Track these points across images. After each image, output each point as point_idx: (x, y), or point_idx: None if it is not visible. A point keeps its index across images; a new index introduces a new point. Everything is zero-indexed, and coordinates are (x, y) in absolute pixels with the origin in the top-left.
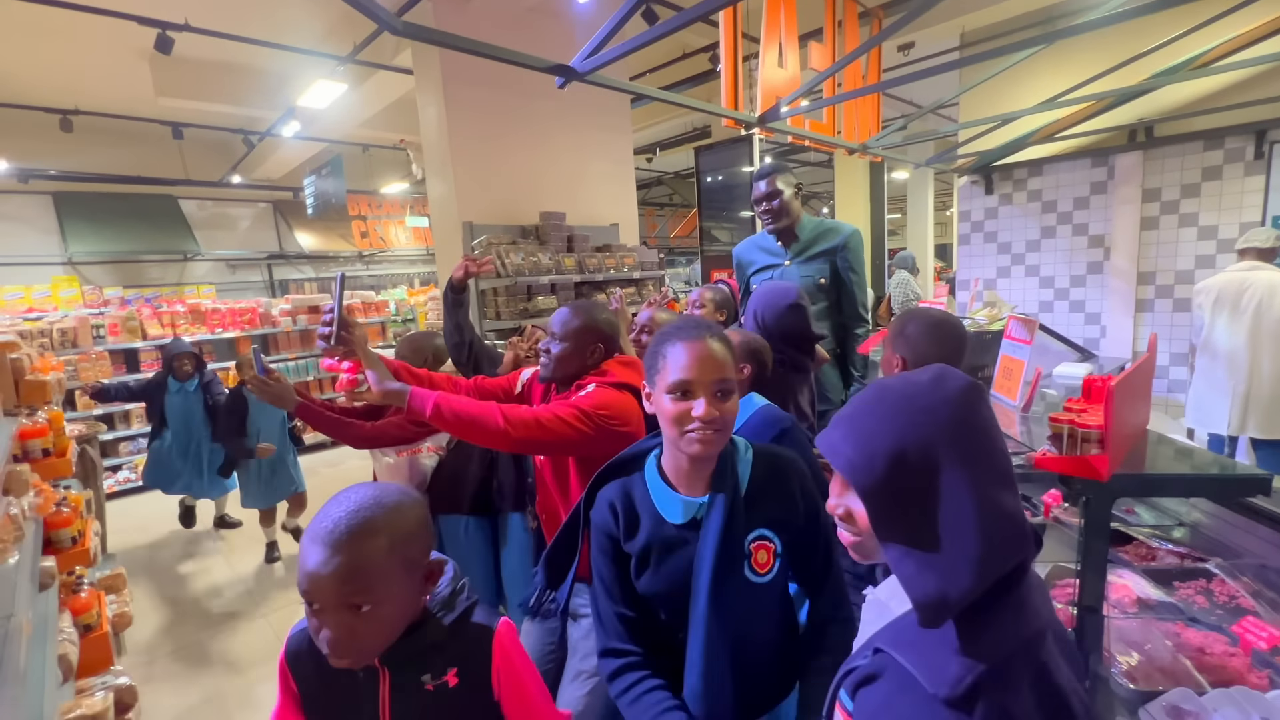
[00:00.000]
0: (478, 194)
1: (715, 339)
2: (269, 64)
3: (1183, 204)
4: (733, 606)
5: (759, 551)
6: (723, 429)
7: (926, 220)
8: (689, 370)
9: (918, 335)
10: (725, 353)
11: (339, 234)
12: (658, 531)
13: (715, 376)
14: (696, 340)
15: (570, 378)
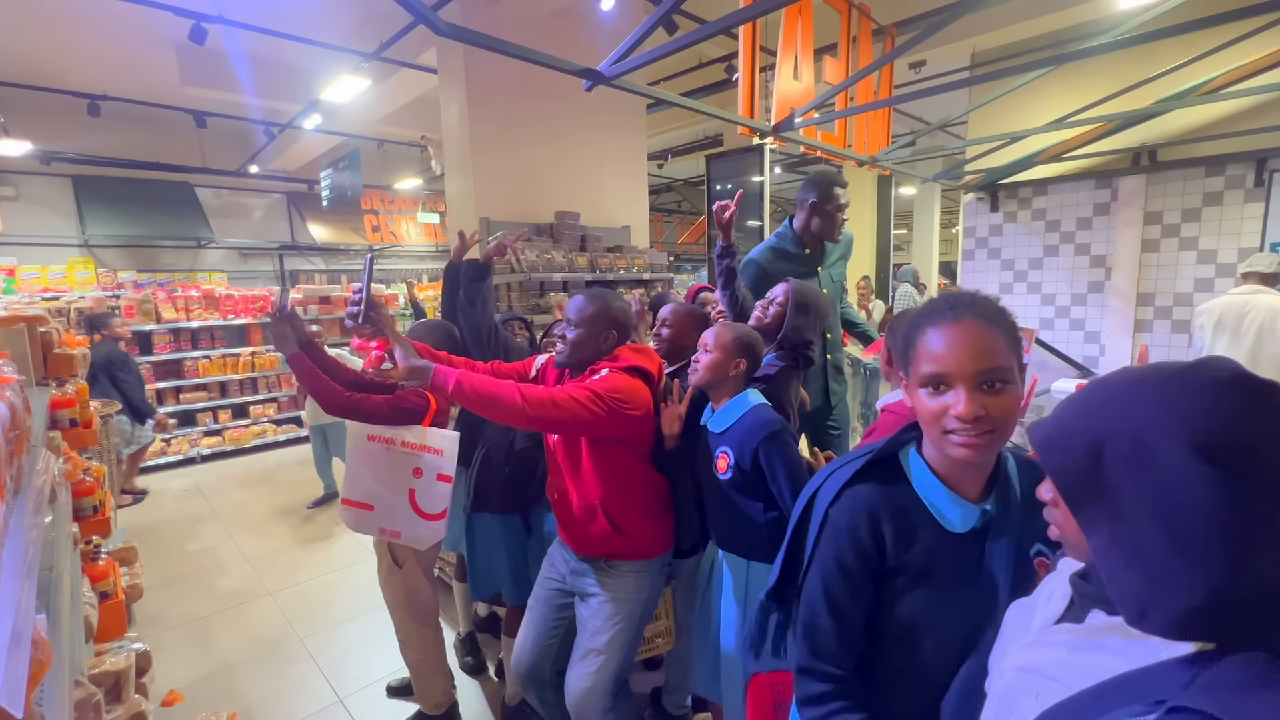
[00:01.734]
0: (495, 191)
1: (980, 318)
2: (294, 58)
3: (1183, 228)
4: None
5: (1040, 569)
6: (997, 429)
7: (932, 236)
8: (943, 360)
9: (746, 339)
10: (994, 335)
11: (351, 227)
12: (941, 544)
13: (981, 366)
14: (953, 322)
15: (584, 363)
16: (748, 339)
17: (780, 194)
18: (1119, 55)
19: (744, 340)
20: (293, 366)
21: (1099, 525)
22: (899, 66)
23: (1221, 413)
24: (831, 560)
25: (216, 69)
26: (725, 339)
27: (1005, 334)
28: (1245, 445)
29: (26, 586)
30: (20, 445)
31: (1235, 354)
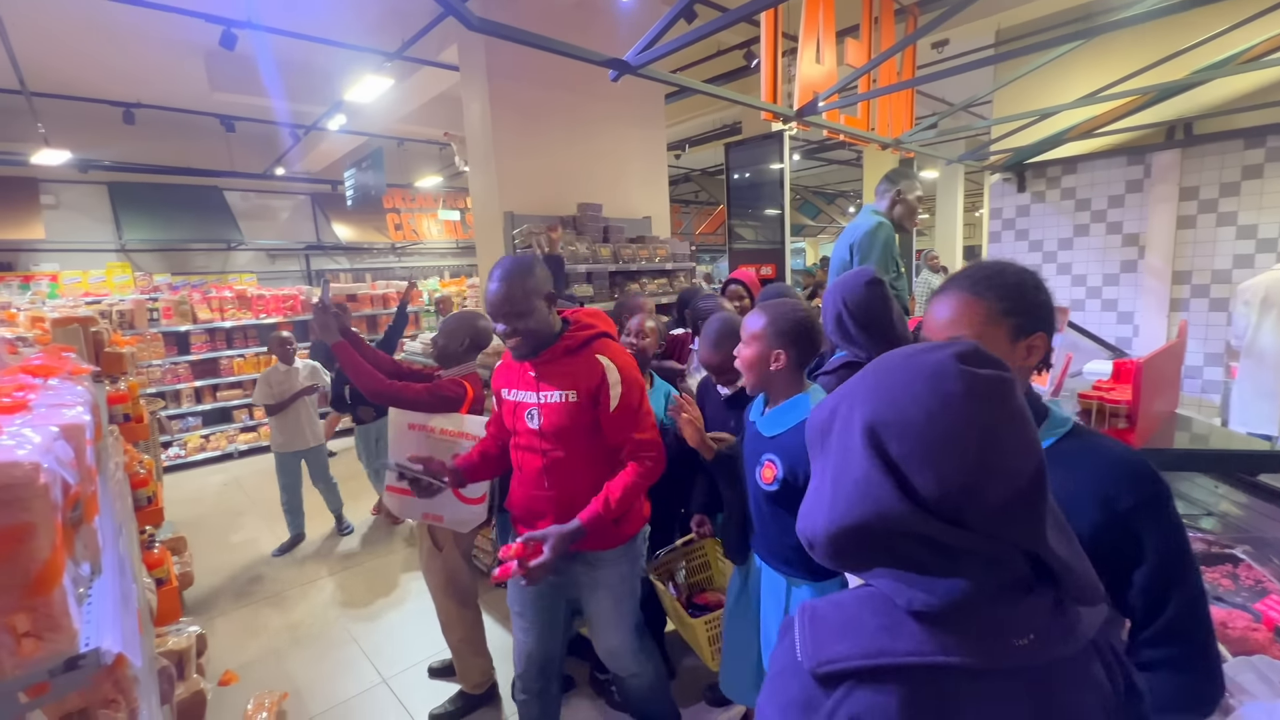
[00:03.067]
0: (518, 185)
1: (964, 289)
2: (319, 60)
3: (1221, 203)
4: None
5: None
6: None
7: (956, 220)
8: (927, 329)
9: (782, 322)
10: (973, 303)
11: (374, 226)
12: None
13: (946, 334)
14: (940, 295)
15: (541, 346)
16: (788, 322)
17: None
18: (1151, 26)
19: (782, 326)
20: (337, 355)
21: (814, 474)
22: (922, 46)
23: (897, 402)
24: None
25: (244, 74)
26: (755, 327)
27: (995, 301)
28: (908, 435)
29: (121, 556)
30: (99, 431)
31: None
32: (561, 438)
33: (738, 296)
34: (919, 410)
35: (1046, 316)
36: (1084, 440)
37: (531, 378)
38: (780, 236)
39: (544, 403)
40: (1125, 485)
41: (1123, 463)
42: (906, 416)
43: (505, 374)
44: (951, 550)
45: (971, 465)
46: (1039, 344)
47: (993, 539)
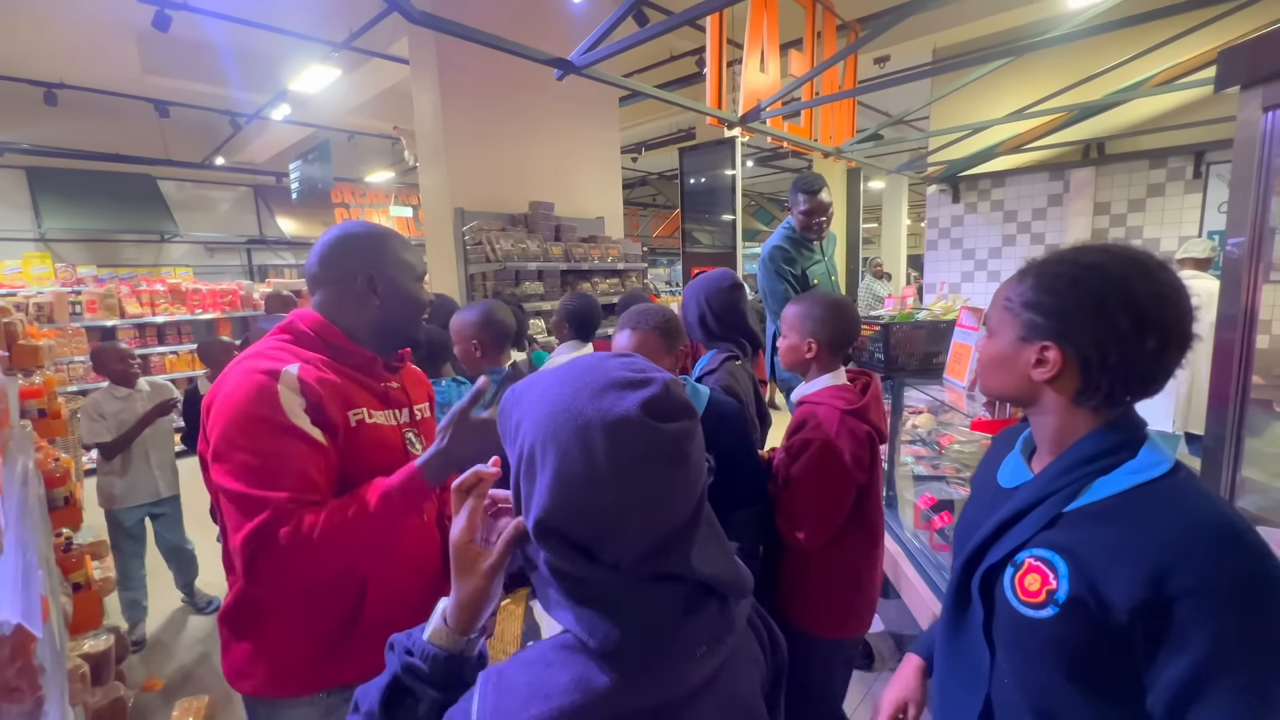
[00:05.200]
0: (469, 181)
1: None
2: (262, 46)
3: (1129, 217)
4: None
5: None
6: None
7: (900, 230)
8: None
9: (826, 316)
10: None
11: (321, 221)
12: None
13: None
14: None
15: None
16: (805, 311)
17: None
18: (1071, 52)
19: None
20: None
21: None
22: (864, 63)
23: (564, 443)
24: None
25: (180, 57)
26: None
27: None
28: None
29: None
30: (4, 419)
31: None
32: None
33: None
34: (583, 459)
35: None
36: (1170, 490)
37: (394, 389)
38: (733, 241)
39: (421, 418)
40: (1189, 559)
41: (1199, 529)
42: (570, 463)
43: (339, 389)
44: (616, 587)
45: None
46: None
47: (644, 573)
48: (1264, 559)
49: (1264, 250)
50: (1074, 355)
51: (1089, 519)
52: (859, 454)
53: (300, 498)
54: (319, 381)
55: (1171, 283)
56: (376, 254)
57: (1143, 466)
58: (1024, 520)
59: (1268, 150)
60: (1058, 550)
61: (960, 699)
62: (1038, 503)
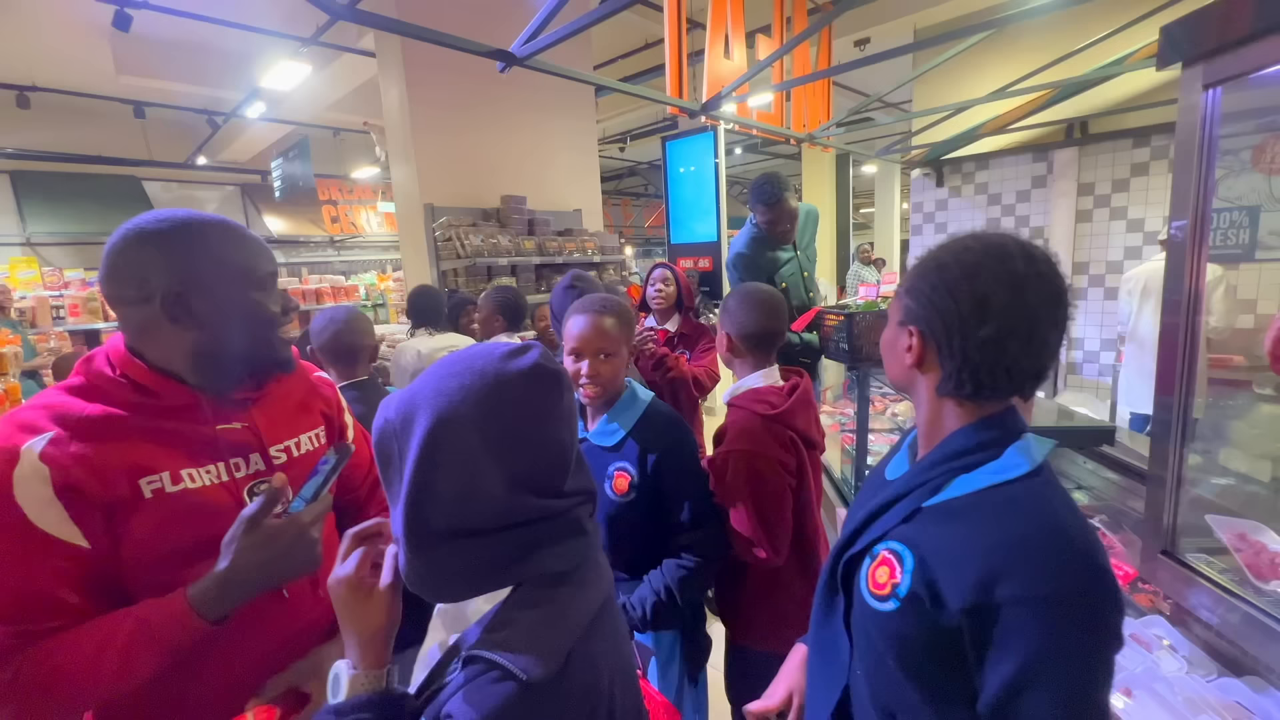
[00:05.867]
0: (440, 177)
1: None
2: (232, 43)
3: (1114, 198)
4: None
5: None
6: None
7: (893, 215)
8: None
9: (736, 308)
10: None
11: (309, 219)
12: None
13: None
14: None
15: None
16: (725, 305)
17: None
18: (1054, 29)
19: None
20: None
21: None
22: (844, 47)
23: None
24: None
25: (153, 57)
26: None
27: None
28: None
29: None
30: None
31: (1160, 318)
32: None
33: (665, 281)
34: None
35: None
36: (1019, 494)
37: (233, 432)
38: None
39: (291, 458)
40: (1017, 567)
41: (1031, 537)
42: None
43: (124, 455)
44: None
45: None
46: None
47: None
48: (1092, 572)
49: (1206, 233)
50: (931, 340)
51: (941, 516)
52: (784, 460)
53: (24, 628)
54: (79, 457)
55: (1022, 272)
56: (184, 259)
57: (1003, 468)
58: (889, 512)
59: (1208, 130)
60: (908, 544)
61: (822, 689)
62: (903, 496)
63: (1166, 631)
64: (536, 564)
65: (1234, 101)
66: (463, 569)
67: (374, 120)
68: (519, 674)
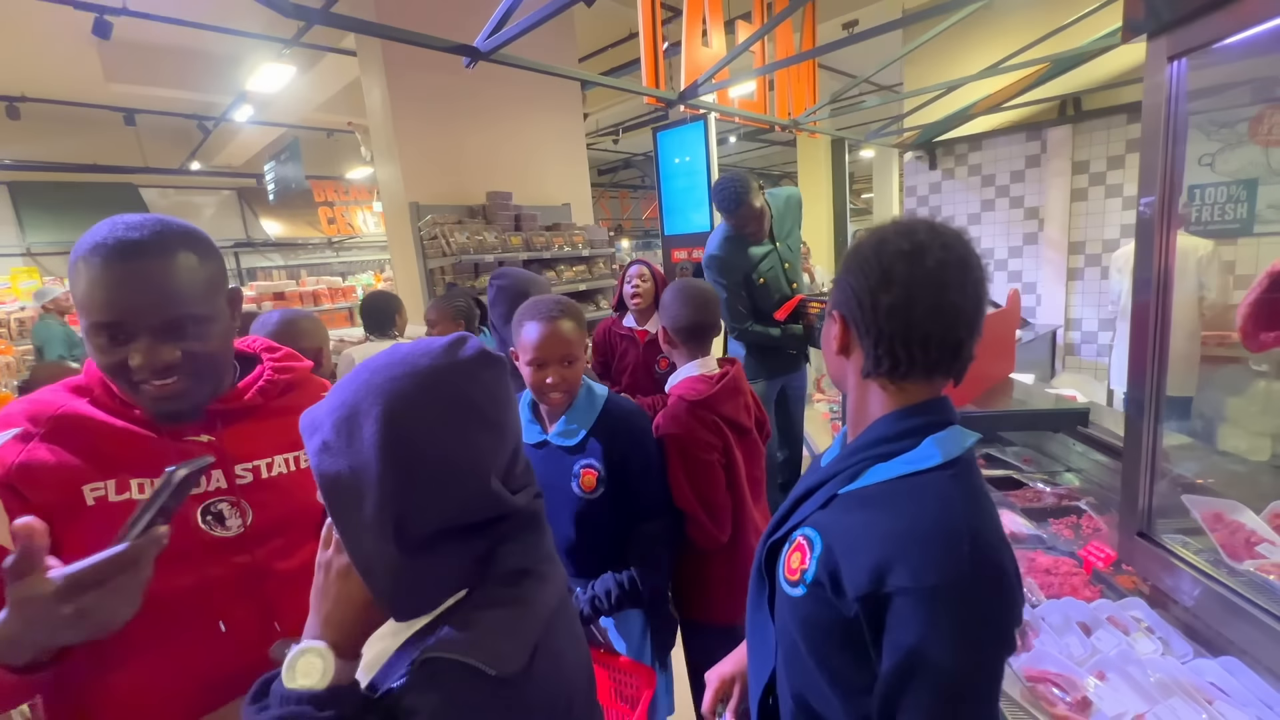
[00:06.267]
0: (424, 175)
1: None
2: (216, 47)
3: (1109, 175)
4: None
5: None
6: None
7: (892, 198)
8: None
9: (670, 303)
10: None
11: (305, 220)
12: None
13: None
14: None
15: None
16: (662, 299)
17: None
18: (1043, 4)
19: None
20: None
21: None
22: (832, 30)
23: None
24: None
25: (139, 63)
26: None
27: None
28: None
29: None
30: None
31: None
32: (292, 530)
33: (642, 278)
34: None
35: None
36: (926, 485)
37: (196, 445)
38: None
39: (252, 480)
40: (908, 558)
41: (925, 529)
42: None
43: (90, 454)
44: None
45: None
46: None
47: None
48: (981, 567)
49: (1174, 209)
50: (850, 322)
51: (853, 503)
52: (711, 441)
53: None
54: (29, 456)
55: (924, 241)
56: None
57: (917, 458)
58: (811, 498)
59: (1175, 104)
60: (819, 530)
61: (754, 672)
62: (824, 482)
63: (1145, 613)
64: (502, 561)
65: (1228, 73)
66: (448, 572)
67: (358, 120)
68: (486, 669)
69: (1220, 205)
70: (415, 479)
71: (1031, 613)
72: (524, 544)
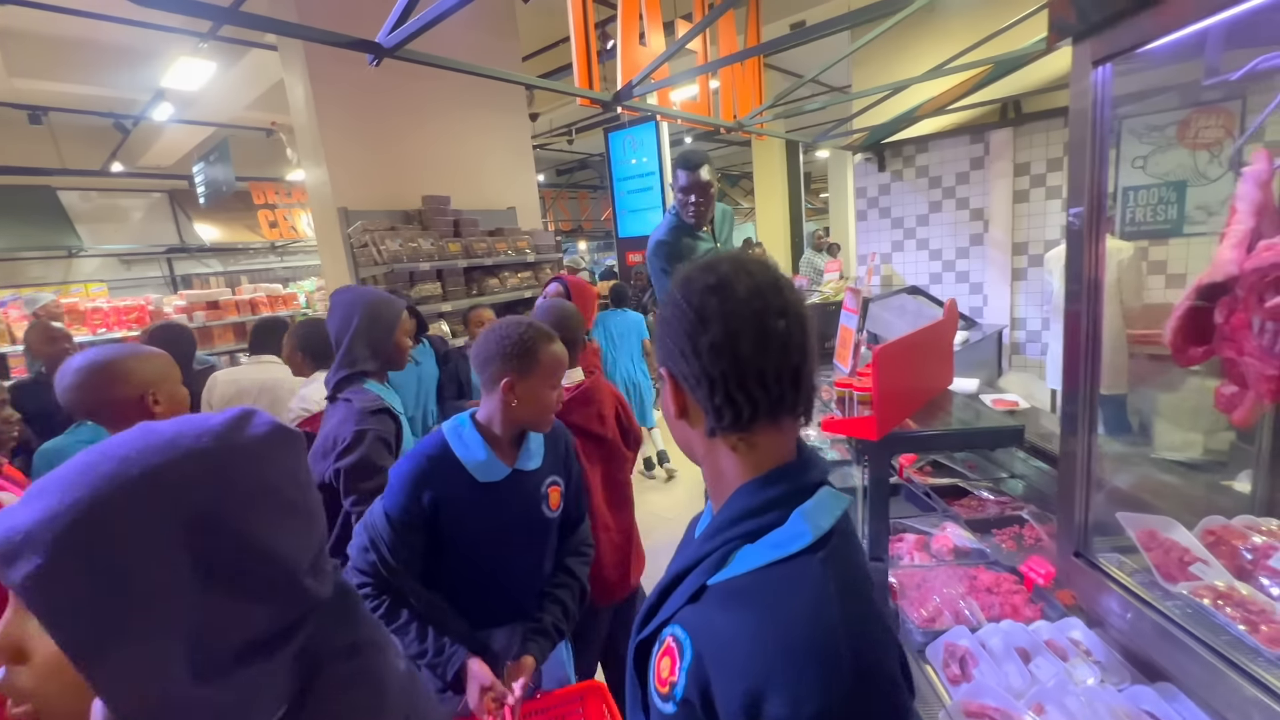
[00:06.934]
0: (354, 178)
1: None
2: (127, 40)
3: (1049, 177)
4: None
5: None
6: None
7: (847, 200)
8: None
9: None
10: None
11: (244, 224)
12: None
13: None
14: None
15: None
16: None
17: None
18: (986, 8)
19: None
20: None
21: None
22: (780, 30)
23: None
24: None
25: (44, 57)
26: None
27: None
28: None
29: None
30: None
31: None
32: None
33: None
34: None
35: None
36: (797, 576)
37: None
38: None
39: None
40: (782, 683)
41: (798, 644)
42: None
43: None
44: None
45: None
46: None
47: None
48: (863, 681)
49: (1102, 219)
50: (677, 376)
51: (723, 597)
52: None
53: None
54: None
55: (728, 272)
56: None
57: (785, 538)
58: (679, 587)
59: (1100, 110)
60: (689, 631)
61: None
62: (691, 568)
63: (1084, 634)
64: (327, 642)
65: (1158, 77)
66: (266, 684)
67: (282, 119)
68: None
69: (1152, 207)
70: (208, 590)
71: (972, 638)
72: (344, 619)
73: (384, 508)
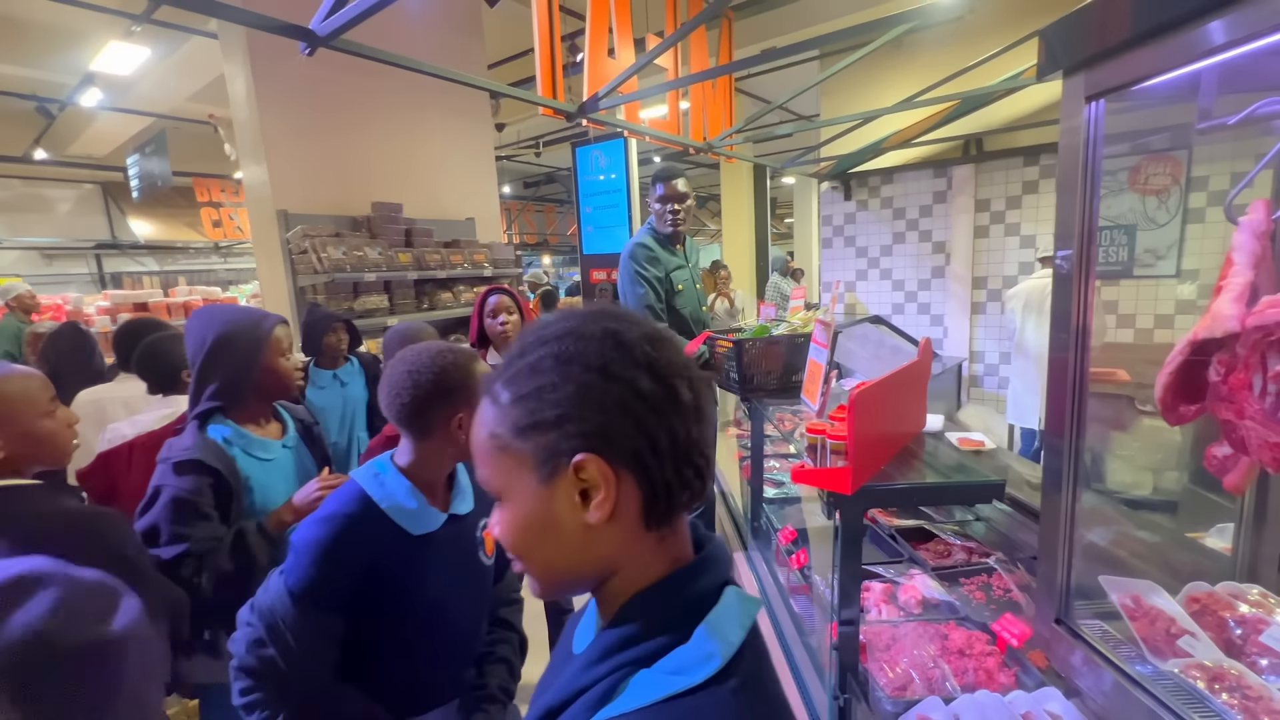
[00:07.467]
0: (297, 180)
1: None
2: (52, 18)
3: (1008, 214)
4: None
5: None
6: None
7: (812, 226)
8: None
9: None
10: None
11: (185, 222)
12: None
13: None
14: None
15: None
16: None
17: None
18: (955, 45)
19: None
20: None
21: None
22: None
23: None
24: None
25: None
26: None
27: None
28: None
29: None
30: None
31: (1042, 333)
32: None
33: (509, 310)
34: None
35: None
36: (699, 714)
37: None
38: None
39: None
40: None
41: None
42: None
43: None
44: None
45: None
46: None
47: None
48: None
49: (1093, 262)
50: (614, 457)
51: None
52: None
53: None
54: None
55: (658, 338)
56: None
57: (688, 663)
58: (562, 717)
59: (1093, 149)
60: None
61: None
62: (575, 696)
63: (1061, 706)
64: None
65: (1146, 119)
66: None
67: (221, 112)
68: None
69: (1105, 249)
70: None
71: (945, 710)
72: None
73: (286, 585)
